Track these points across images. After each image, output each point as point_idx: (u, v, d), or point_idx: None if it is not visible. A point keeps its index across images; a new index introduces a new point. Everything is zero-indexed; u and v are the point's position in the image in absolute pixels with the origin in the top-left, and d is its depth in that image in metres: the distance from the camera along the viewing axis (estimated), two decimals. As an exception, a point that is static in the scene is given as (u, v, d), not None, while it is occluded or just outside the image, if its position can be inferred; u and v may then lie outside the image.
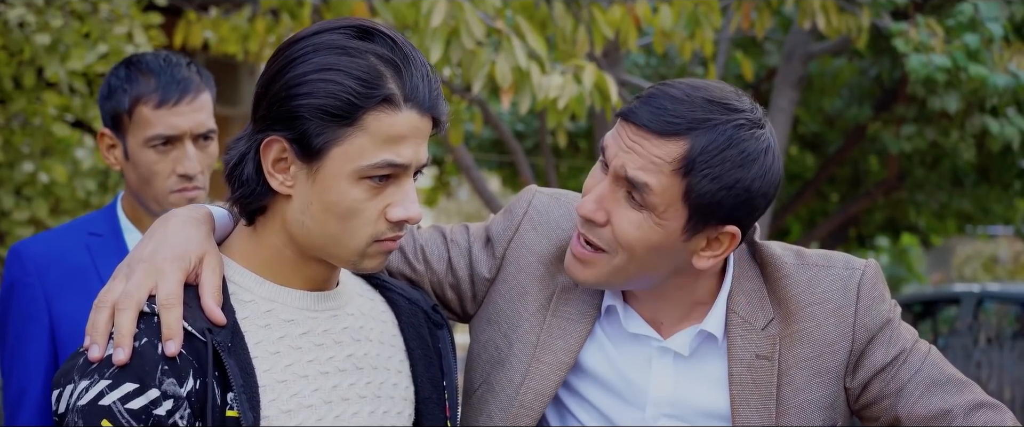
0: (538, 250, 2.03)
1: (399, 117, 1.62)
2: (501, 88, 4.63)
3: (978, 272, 23.72)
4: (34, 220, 5.46)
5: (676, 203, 1.82)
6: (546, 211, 2.05)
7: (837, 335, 1.94)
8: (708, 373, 1.96)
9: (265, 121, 1.64)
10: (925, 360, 1.96)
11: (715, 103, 1.82)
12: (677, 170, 1.80)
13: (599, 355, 2.00)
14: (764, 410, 1.92)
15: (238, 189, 1.67)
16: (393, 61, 1.62)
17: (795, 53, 8.48)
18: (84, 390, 1.55)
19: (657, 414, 1.96)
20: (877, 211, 12.45)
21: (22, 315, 2.51)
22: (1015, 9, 8.32)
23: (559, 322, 1.99)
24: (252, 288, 1.69)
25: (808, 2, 6.46)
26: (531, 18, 5.21)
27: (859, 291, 1.96)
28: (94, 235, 2.58)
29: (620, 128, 1.86)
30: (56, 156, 5.51)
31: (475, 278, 2.05)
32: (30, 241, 2.61)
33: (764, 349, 1.93)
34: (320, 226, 1.65)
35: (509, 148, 7.96)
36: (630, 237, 1.84)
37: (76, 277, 2.50)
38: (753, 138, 1.83)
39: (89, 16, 5.23)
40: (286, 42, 1.66)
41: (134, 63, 2.55)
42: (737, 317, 1.95)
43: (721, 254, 1.89)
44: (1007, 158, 10.45)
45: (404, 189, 1.66)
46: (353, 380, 1.74)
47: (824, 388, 1.94)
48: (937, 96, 7.74)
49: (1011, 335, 9.05)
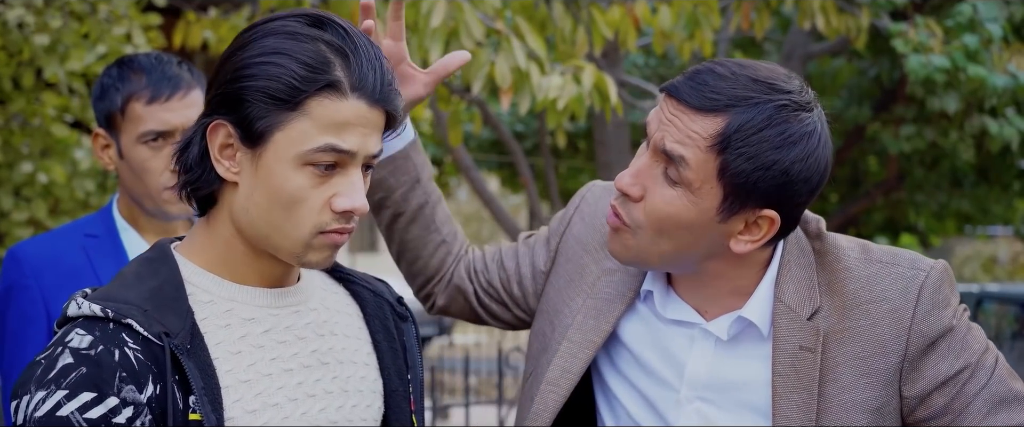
0: (584, 240, 2.06)
1: (344, 105, 1.60)
2: (500, 88, 4.63)
3: (977, 272, 23.71)
4: (33, 221, 5.46)
5: (711, 180, 1.80)
6: (595, 202, 2.09)
7: (891, 337, 1.88)
8: (749, 363, 1.93)
9: (212, 104, 1.63)
10: (992, 375, 1.89)
11: (760, 82, 1.80)
12: (713, 146, 1.78)
13: (641, 331, 1.99)
14: (805, 405, 1.87)
15: (185, 174, 1.65)
16: (342, 49, 1.61)
17: (794, 53, 8.48)
18: (41, 401, 1.52)
19: (692, 396, 1.94)
20: (876, 211, 12.45)
21: (21, 317, 2.51)
22: (1014, 10, 8.32)
23: (595, 303, 2.00)
24: (210, 289, 1.67)
25: (807, 2, 6.46)
26: (530, 19, 5.20)
27: (920, 294, 1.88)
28: (90, 237, 2.59)
29: (663, 103, 1.85)
30: (55, 157, 5.50)
31: (535, 273, 2.10)
32: (27, 243, 2.61)
33: (808, 341, 1.88)
34: (264, 214, 1.62)
35: (508, 149, 7.96)
36: (662, 213, 1.83)
37: (73, 279, 2.49)
38: (797, 120, 1.79)
39: (88, 17, 5.23)
40: (244, 30, 1.66)
41: (125, 63, 2.58)
42: (783, 306, 1.90)
43: (760, 239, 1.86)
44: (1006, 158, 10.45)
45: (350, 179, 1.63)
46: (319, 376, 1.71)
47: (871, 389, 1.88)
48: (936, 96, 7.74)
49: (1010, 335, 9.05)
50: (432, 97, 5.72)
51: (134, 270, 1.67)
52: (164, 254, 1.69)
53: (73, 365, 1.54)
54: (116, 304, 1.59)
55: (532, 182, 8.04)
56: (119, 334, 1.56)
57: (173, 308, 1.61)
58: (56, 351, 1.56)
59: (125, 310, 1.58)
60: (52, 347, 1.58)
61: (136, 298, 1.60)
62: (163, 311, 1.60)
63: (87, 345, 1.55)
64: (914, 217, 12.60)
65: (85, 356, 1.54)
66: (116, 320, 1.57)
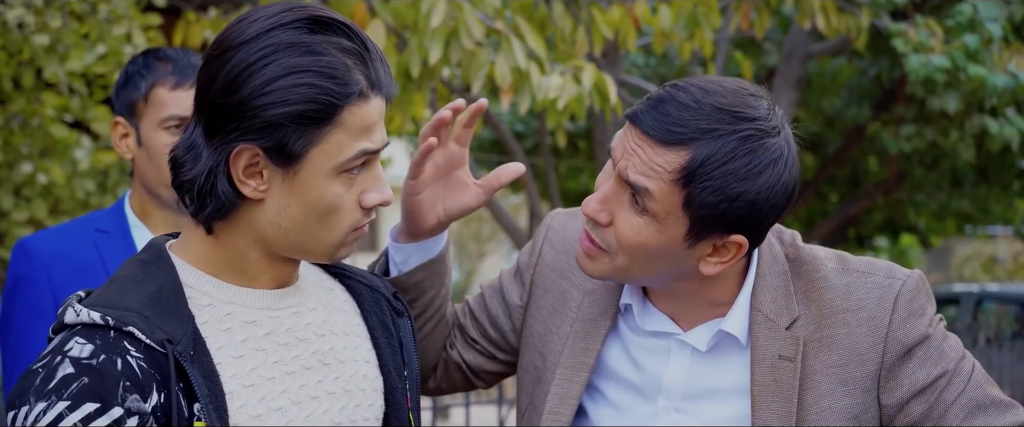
0: (559, 267, 2.05)
1: (368, 106, 1.60)
2: (500, 88, 4.63)
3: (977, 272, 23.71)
4: (33, 220, 5.45)
5: (676, 211, 1.79)
6: (563, 229, 2.08)
7: (867, 345, 1.88)
8: (727, 374, 1.93)
9: (231, 132, 1.56)
10: (970, 381, 1.89)
11: (724, 111, 1.76)
12: (677, 180, 1.76)
13: (619, 351, 1.99)
14: (785, 413, 1.87)
15: (210, 204, 1.60)
16: (356, 51, 1.59)
17: (794, 53, 8.48)
18: (42, 412, 1.48)
19: (669, 406, 1.93)
20: (876, 211, 12.46)
21: (28, 310, 2.51)
22: (1014, 9, 8.32)
23: (582, 325, 2.00)
24: (209, 291, 1.64)
25: (807, 2, 6.46)
26: (530, 19, 5.20)
27: (896, 303, 1.89)
28: (101, 232, 2.59)
29: (627, 130, 1.83)
30: (55, 157, 5.50)
31: (510, 309, 2.09)
32: (37, 236, 2.62)
33: (787, 350, 1.88)
34: (298, 226, 1.61)
35: (508, 148, 7.96)
36: (631, 241, 1.82)
37: (83, 273, 2.49)
38: (762, 148, 1.77)
39: (88, 17, 5.23)
40: (231, 42, 1.58)
41: (152, 52, 2.63)
42: (761, 316, 1.90)
43: (729, 261, 1.85)
44: (1006, 158, 10.45)
45: (375, 173, 1.64)
46: (321, 377, 1.70)
47: (849, 397, 1.88)
48: (936, 96, 7.75)
49: (1010, 335, 9.05)
50: (433, 97, 5.72)
51: (130, 273, 1.63)
52: (160, 256, 1.65)
53: (74, 375, 1.50)
54: (116, 311, 1.55)
55: (532, 182, 8.04)
56: (121, 342, 1.53)
57: (173, 313, 1.58)
58: (55, 360, 1.52)
59: (126, 317, 1.54)
60: (49, 355, 1.53)
61: (135, 304, 1.57)
62: (164, 317, 1.57)
63: (88, 354, 1.51)
64: (914, 217, 12.60)
65: (87, 366, 1.50)
66: (117, 328, 1.54)
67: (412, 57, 4.55)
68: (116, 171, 5.74)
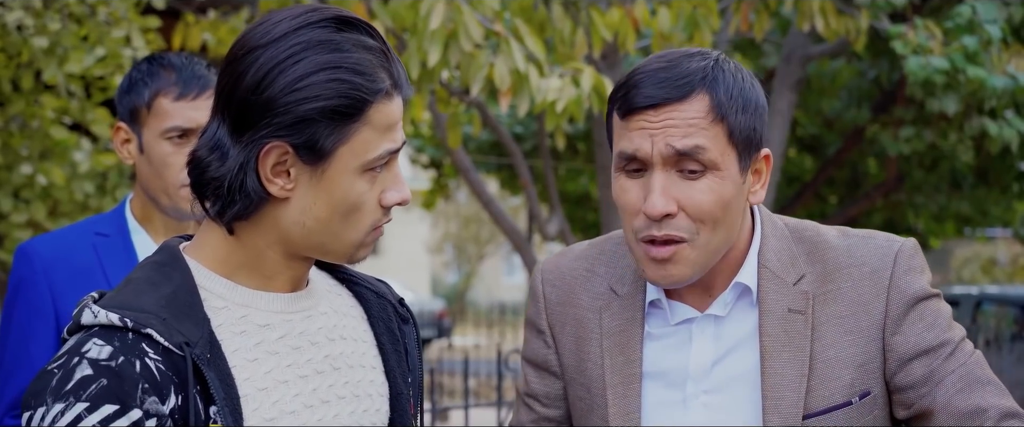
0: (565, 300, 2.08)
1: (392, 105, 1.62)
2: (499, 90, 4.63)
3: (976, 274, 23.74)
4: (32, 222, 5.45)
5: (726, 149, 1.86)
6: (556, 269, 2.11)
7: (871, 295, 1.94)
8: (744, 331, 1.96)
9: (262, 129, 1.57)
10: (971, 357, 1.95)
11: (693, 55, 1.90)
12: (715, 120, 1.85)
13: (652, 351, 2.00)
14: (797, 363, 1.91)
15: (239, 201, 1.59)
16: (379, 50, 1.61)
17: (793, 55, 8.48)
18: (59, 414, 1.48)
19: (697, 391, 1.95)
20: (876, 213, 12.46)
21: (29, 311, 2.52)
22: (1013, 11, 8.32)
23: (612, 339, 2.01)
24: (224, 294, 1.64)
25: (806, 4, 6.46)
26: (529, 20, 5.20)
27: (897, 257, 1.96)
28: (101, 235, 2.59)
29: (633, 122, 1.86)
30: (54, 159, 5.50)
31: (550, 367, 2.09)
32: (37, 240, 2.62)
33: (797, 304, 1.94)
34: (323, 225, 1.62)
35: (508, 150, 7.96)
36: (710, 205, 1.86)
37: (82, 277, 2.50)
38: (735, 64, 1.92)
39: (87, 19, 5.23)
40: (257, 42, 1.59)
41: (156, 59, 2.62)
42: (768, 272, 1.96)
43: (765, 180, 1.96)
44: (1006, 160, 10.46)
45: (395, 173, 1.65)
46: (331, 381, 1.70)
47: (854, 346, 1.93)
48: (936, 98, 7.74)
49: (1010, 337, 9.06)
50: (431, 99, 5.72)
51: (145, 275, 1.62)
52: (175, 257, 1.65)
53: (92, 377, 1.49)
54: (134, 313, 1.55)
55: (531, 184, 8.05)
56: (139, 344, 1.52)
57: (189, 315, 1.58)
58: (72, 361, 1.51)
59: (144, 319, 1.54)
60: (66, 356, 1.53)
61: (152, 306, 1.56)
62: (180, 319, 1.56)
63: (107, 356, 1.51)
64: (913, 219, 12.60)
65: (105, 367, 1.50)
66: (136, 330, 1.53)
67: (411, 59, 4.56)
68: (115, 173, 5.74)
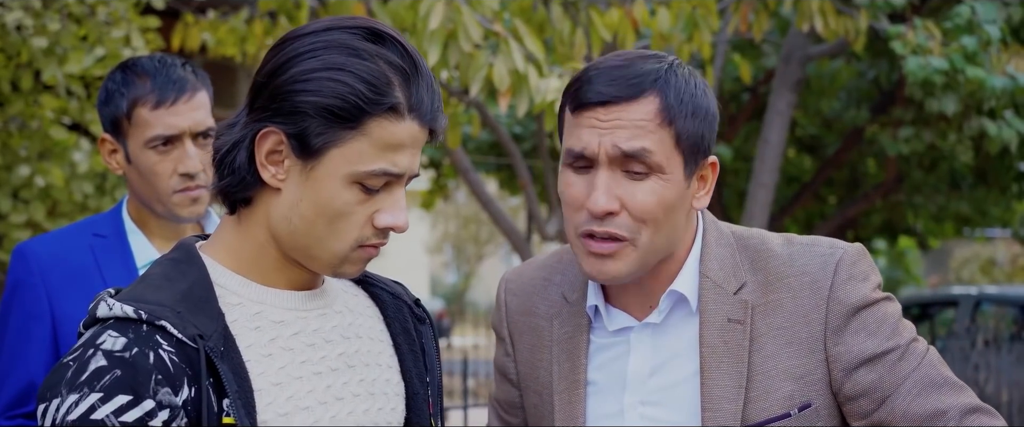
0: (525, 308, 2.10)
1: (401, 126, 1.61)
2: (499, 91, 4.63)
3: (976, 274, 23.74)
4: (31, 223, 5.45)
5: (672, 153, 1.86)
6: (518, 278, 2.13)
7: (811, 306, 1.93)
8: (682, 342, 1.96)
9: (264, 112, 1.61)
10: (924, 359, 1.93)
11: (647, 57, 1.90)
12: (662, 123, 1.85)
13: (597, 360, 2.01)
14: (735, 373, 1.91)
15: (227, 176, 1.64)
16: (403, 69, 1.61)
17: (793, 55, 8.48)
18: (74, 404, 1.50)
19: (634, 402, 1.96)
20: (875, 214, 12.46)
21: (25, 314, 2.52)
22: (1012, 11, 8.33)
23: (561, 347, 2.02)
24: (239, 291, 1.67)
25: (806, 4, 6.46)
26: (529, 21, 5.20)
27: (838, 267, 1.94)
28: (99, 237, 2.59)
29: (583, 119, 1.87)
30: (53, 159, 5.50)
31: (507, 370, 2.13)
32: (34, 241, 2.62)
33: (736, 313, 1.94)
34: (307, 225, 1.63)
35: (507, 151, 7.96)
36: (652, 206, 1.86)
37: (79, 278, 2.50)
38: (689, 69, 1.92)
39: (87, 19, 5.23)
40: (292, 35, 1.64)
41: (129, 67, 2.56)
42: (709, 282, 1.95)
43: (710, 187, 1.95)
44: (1005, 160, 10.46)
45: (395, 197, 1.64)
46: (346, 378, 1.72)
47: (794, 358, 1.92)
48: (935, 98, 7.75)
49: (1009, 337, 9.05)
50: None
51: (161, 271, 1.65)
52: (190, 255, 1.67)
53: (107, 368, 1.52)
54: (149, 306, 1.57)
55: (531, 184, 8.05)
56: (153, 336, 1.55)
57: (204, 310, 1.60)
58: (87, 353, 1.54)
59: (159, 312, 1.56)
60: (81, 348, 1.55)
61: (167, 300, 1.59)
62: (195, 313, 1.59)
63: (121, 347, 1.53)
64: (912, 219, 12.61)
65: (119, 358, 1.52)
66: (150, 322, 1.56)
67: (410, 59, 4.55)
68: (114, 174, 5.74)
